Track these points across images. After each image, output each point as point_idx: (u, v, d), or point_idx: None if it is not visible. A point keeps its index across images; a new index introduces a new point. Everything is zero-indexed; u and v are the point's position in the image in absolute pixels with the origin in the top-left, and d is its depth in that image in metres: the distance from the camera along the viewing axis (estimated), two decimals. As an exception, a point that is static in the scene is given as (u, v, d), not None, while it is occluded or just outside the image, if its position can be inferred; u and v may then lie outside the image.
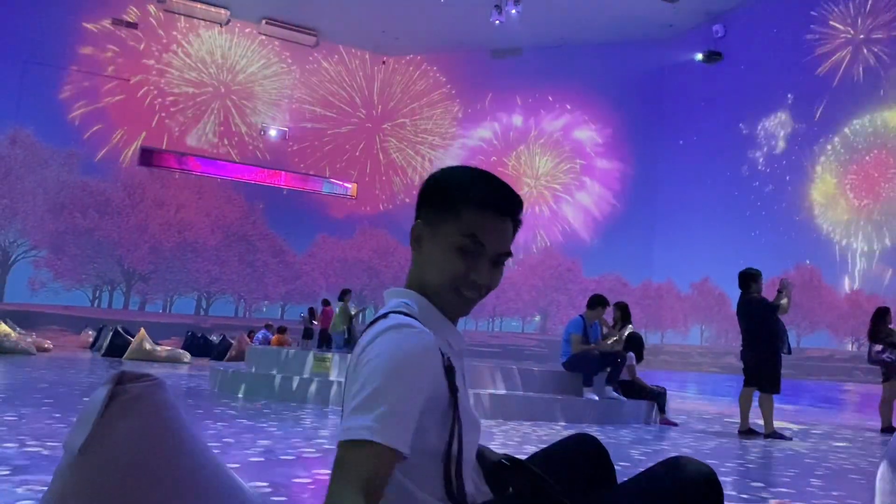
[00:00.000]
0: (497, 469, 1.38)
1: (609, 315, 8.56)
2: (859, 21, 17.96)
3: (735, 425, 7.55)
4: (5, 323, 14.69)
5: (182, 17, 22.88)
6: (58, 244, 21.10)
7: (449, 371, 1.28)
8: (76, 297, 21.41)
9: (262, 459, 3.86)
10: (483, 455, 1.46)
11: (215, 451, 1.41)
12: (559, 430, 6.53)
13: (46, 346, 15.68)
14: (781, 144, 19.54)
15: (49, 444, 3.83)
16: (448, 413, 1.24)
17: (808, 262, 17.27)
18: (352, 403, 1.15)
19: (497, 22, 20.37)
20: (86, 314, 21.27)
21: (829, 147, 18.57)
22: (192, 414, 5.71)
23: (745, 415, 7.32)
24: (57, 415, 5.18)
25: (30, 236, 20.88)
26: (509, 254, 1.38)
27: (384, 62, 25.61)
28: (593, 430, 6.46)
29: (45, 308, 20.74)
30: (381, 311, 1.32)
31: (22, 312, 19.42)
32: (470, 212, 1.32)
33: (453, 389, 1.27)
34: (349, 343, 13.94)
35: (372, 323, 1.29)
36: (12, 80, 20.73)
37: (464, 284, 1.33)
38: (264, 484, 3.16)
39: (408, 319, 1.25)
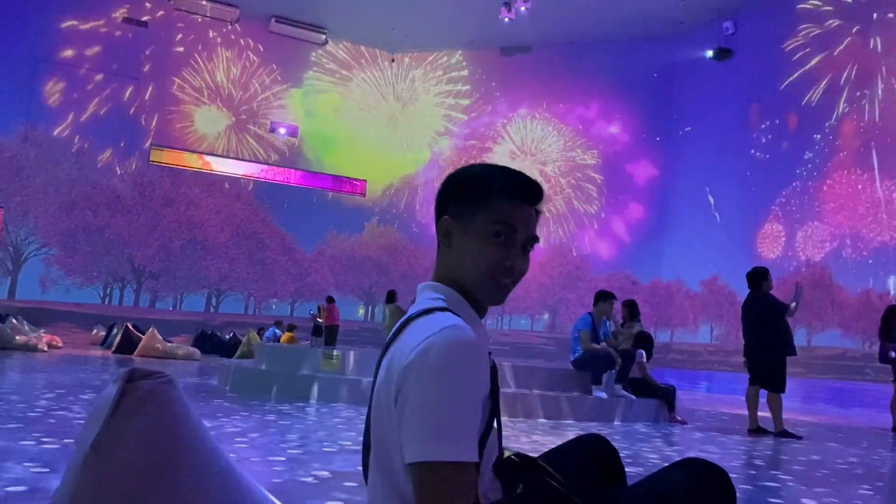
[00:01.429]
0: (507, 465, 1.38)
1: (617, 313, 8.54)
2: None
3: (745, 423, 7.52)
4: (16, 320, 14.81)
5: (192, 16, 22.95)
6: (69, 242, 21.22)
7: (493, 372, 1.30)
8: (87, 294, 21.52)
9: (272, 457, 3.88)
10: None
11: (225, 449, 1.42)
12: (568, 429, 6.53)
13: (57, 343, 15.79)
14: (792, 142, 19.42)
15: (62, 441, 3.85)
16: (484, 414, 1.24)
17: (818, 260, 17.17)
18: (426, 419, 1.13)
19: (506, 19, 20.34)
20: (96, 311, 21.39)
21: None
22: (203, 411, 5.74)
23: (753, 413, 7.30)
24: (65, 412, 5.21)
25: (41, 234, 21.00)
26: (537, 239, 1.41)
27: (393, 60, 25.62)
28: (602, 429, 6.45)
29: (56, 305, 20.87)
30: (418, 307, 1.33)
31: (33, 309, 19.54)
32: (500, 200, 1.36)
33: (495, 391, 1.29)
34: None
35: (409, 319, 1.30)
36: (24, 78, 20.85)
37: (500, 271, 1.36)
38: (277, 481, 3.17)
39: (455, 319, 1.24)
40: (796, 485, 4.19)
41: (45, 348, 14.03)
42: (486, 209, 1.35)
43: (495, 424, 1.29)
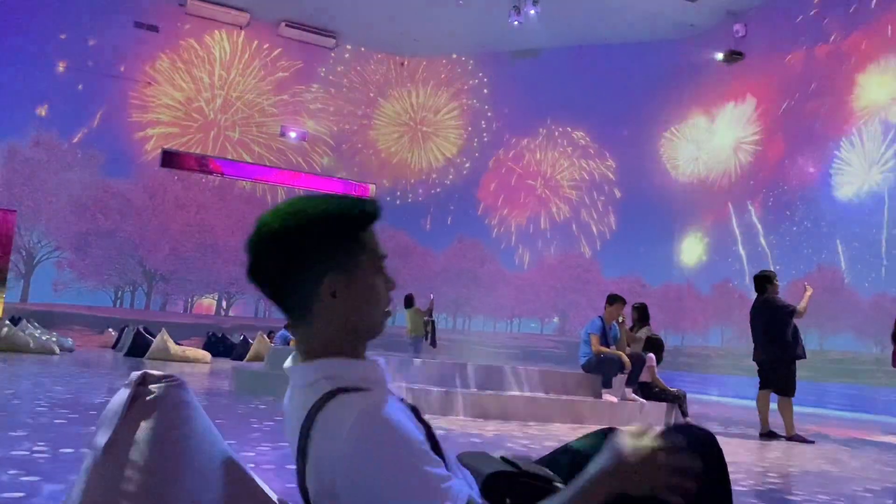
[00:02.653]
0: (494, 480, 1.36)
1: (627, 317, 8.53)
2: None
3: (756, 427, 7.49)
4: (29, 323, 14.91)
5: (203, 20, 23.06)
6: (81, 245, 21.35)
7: (416, 412, 1.28)
8: (98, 297, 21.64)
9: (287, 464, 3.89)
10: (478, 463, 1.44)
11: (237, 452, 1.43)
12: (578, 432, 6.51)
13: (70, 345, 15.88)
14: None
15: (74, 444, 3.88)
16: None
17: (830, 262, 17.06)
18: (404, 488, 1.10)
19: (516, 23, 20.35)
20: (108, 314, 21.51)
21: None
22: (213, 414, 5.75)
23: (764, 417, 7.27)
24: (77, 415, 5.24)
25: (53, 237, 21.14)
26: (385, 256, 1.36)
27: (403, 64, 25.67)
28: (612, 432, 6.42)
29: (68, 308, 20.99)
30: (319, 396, 1.21)
31: (45, 312, 19.68)
32: (366, 233, 1.30)
33: (428, 429, 1.26)
34: (433, 344, 14.17)
35: (316, 410, 1.20)
36: (36, 82, 21.01)
37: (388, 301, 1.33)
38: (290, 486, 3.18)
39: (360, 394, 1.19)
40: (806, 489, 4.16)
41: (58, 351, 14.12)
42: (362, 245, 1.28)
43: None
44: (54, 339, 14.88)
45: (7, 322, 14.28)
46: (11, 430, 4.11)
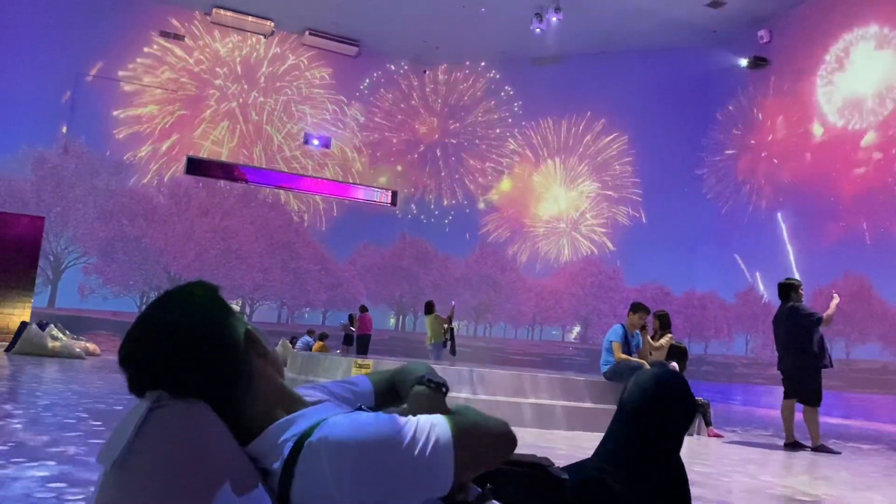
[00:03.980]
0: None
1: (649, 325, 8.47)
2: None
3: (781, 437, 7.40)
4: (56, 328, 15.13)
5: (228, 30, 23.33)
6: (107, 251, 21.63)
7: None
8: (124, 302, 21.90)
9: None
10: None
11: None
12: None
13: (95, 350, 16.09)
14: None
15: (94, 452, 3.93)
16: None
17: (857, 271, 16.82)
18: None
19: (538, 30, 20.36)
20: (133, 319, 21.64)
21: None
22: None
23: (789, 427, 7.18)
24: (100, 423, 5.31)
25: (80, 243, 21.45)
26: None
27: (425, 72, 25.77)
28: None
29: (94, 313, 21.26)
30: (287, 452, 1.27)
31: (72, 317, 19.96)
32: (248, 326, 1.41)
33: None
34: (452, 352, 14.19)
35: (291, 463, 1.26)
36: (64, 90, 21.37)
37: None
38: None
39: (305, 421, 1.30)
40: (832, 501, 4.11)
41: (84, 356, 14.31)
42: (254, 341, 1.40)
43: None
44: (81, 343, 15.08)
45: (35, 326, 14.51)
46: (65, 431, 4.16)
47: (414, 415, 1.31)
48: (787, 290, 7.48)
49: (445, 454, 1.22)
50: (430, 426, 1.24)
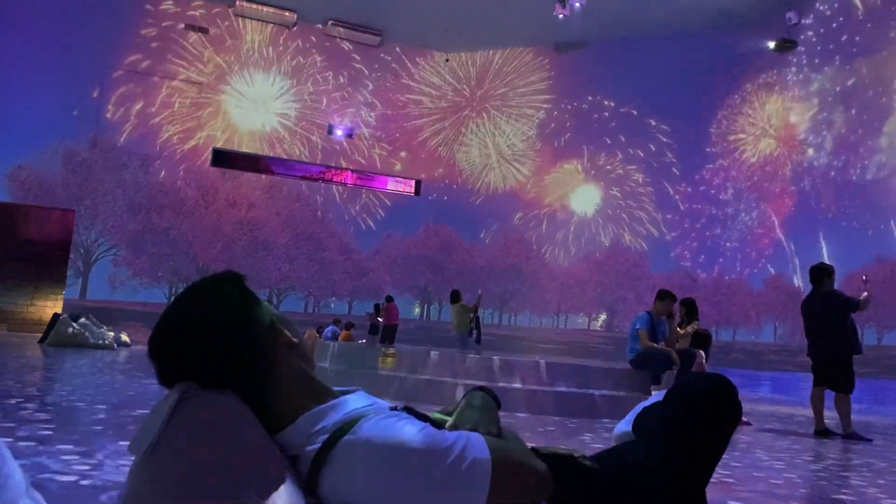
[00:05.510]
0: None
1: (676, 312, 8.39)
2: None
3: (811, 425, 7.31)
4: (88, 319, 15.35)
5: (252, 21, 23.43)
6: (136, 243, 21.92)
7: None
8: (153, 293, 22.22)
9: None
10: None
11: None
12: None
13: (126, 340, 16.31)
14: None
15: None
16: None
17: (890, 256, 16.53)
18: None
19: (561, 16, 20.17)
20: (162, 310, 21.99)
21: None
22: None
23: (819, 414, 7.08)
24: (130, 413, 5.39)
25: (110, 236, 21.75)
26: None
27: (447, 60, 25.66)
28: (662, 429, 6.33)
29: (123, 304, 21.57)
30: (327, 435, 1.28)
31: (103, 308, 20.26)
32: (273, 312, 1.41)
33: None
34: (478, 340, 14.22)
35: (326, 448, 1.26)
36: (93, 86, 21.63)
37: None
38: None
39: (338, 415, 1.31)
40: (862, 489, 4.05)
41: (115, 346, 14.52)
42: (272, 328, 1.40)
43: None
44: (112, 334, 15.30)
45: (67, 318, 14.74)
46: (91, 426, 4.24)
47: (462, 417, 1.31)
48: (821, 274, 7.34)
49: (482, 481, 1.21)
50: (473, 448, 1.23)
